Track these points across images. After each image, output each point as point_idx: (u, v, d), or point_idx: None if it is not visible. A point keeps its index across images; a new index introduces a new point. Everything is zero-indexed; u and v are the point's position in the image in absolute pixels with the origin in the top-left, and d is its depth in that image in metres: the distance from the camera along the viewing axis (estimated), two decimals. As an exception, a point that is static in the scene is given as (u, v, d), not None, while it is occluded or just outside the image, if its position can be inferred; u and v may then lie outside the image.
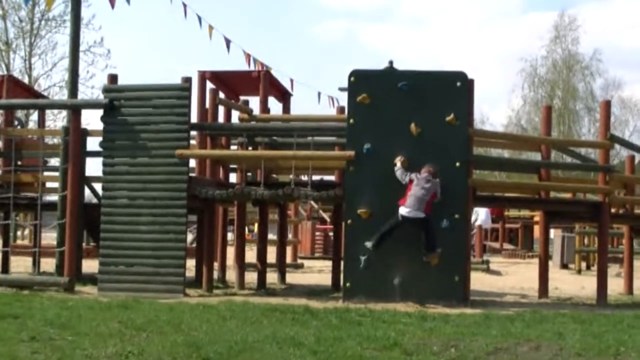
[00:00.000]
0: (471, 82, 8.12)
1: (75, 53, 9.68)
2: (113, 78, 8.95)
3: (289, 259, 13.42)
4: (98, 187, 9.21)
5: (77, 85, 9.83)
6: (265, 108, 9.84)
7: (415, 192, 7.65)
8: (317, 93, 17.68)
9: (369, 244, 7.73)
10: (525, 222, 22.45)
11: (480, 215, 16.61)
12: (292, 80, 15.21)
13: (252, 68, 13.77)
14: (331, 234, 14.62)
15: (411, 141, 7.95)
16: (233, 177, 10.53)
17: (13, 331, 5.38)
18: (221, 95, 10.03)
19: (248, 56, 14.21)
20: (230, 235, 12.75)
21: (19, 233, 21.02)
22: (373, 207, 7.88)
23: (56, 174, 9.19)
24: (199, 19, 12.98)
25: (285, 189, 8.23)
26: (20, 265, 11.26)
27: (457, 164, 7.94)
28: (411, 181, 7.71)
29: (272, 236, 12.18)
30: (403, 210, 7.67)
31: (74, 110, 8.99)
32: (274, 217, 11.82)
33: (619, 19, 52.66)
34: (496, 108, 70.24)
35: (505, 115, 38.19)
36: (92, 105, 10.02)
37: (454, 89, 8.00)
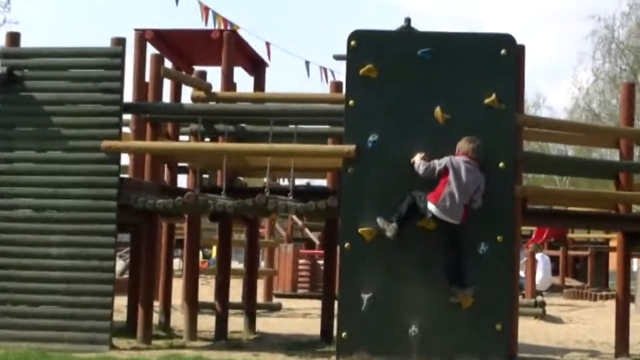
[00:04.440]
0: (521, 49, 8.13)
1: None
2: (13, 38, 8.90)
3: (260, 297, 13.27)
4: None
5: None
6: (229, 82, 9.76)
7: (453, 188, 7.65)
8: (305, 63, 17.76)
9: (386, 224, 7.69)
10: (597, 248, 22.63)
11: (538, 271, 16.63)
12: (268, 45, 15.25)
13: (211, 26, 13.81)
14: (321, 262, 14.57)
15: (435, 132, 7.96)
16: (183, 181, 10.51)
17: None
18: (168, 63, 9.94)
19: (205, 9, 14.15)
20: (177, 263, 12.70)
21: None
22: (380, 224, 7.95)
23: None
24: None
25: (257, 198, 8.21)
26: None
27: (501, 164, 7.97)
28: (446, 171, 7.73)
29: (237, 264, 12.07)
30: (433, 208, 7.73)
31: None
32: (240, 238, 11.74)
33: None
34: (557, 86, 70.57)
35: (569, 96, 38.38)
36: (-19, 75, 9.99)
37: (496, 59, 8.01)
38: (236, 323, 10.21)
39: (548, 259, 17.98)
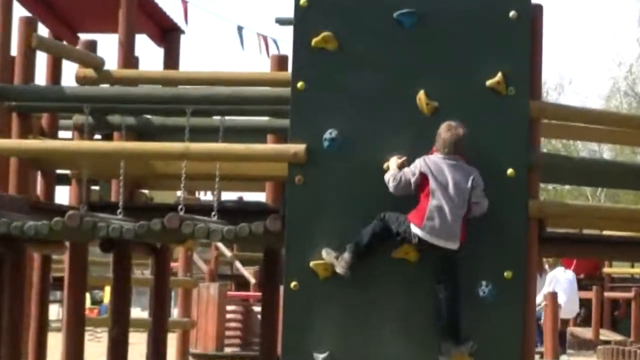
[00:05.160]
0: (538, 10, 7.79)
1: None
2: None
3: (172, 359, 13.11)
4: None
5: None
6: (129, 56, 9.77)
7: (440, 198, 7.24)
8: (237, 29, 18.40)
9: (334, 256, 7.32)
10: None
11: (560, 294, 16.50)
12: (185, 3, 15.82)
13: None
14: (258, 308, 14.76)
15: (418, 126, 7.56)
16: (63, 195, 10.31)
17: None
18: (43, 30, 9.81)
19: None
20: (55, 310, 12.60)
21: None
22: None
23: None
24: None
25: (168, 220, 7.76)
26: None
27: (509, 171, 7.54)
28: (424, 178, 7.27)
29: (139, 312, 11.96)
30: (419, 232, 7.29)
31: None
32: (144, 275, 11.70)
33: None
34: (588, 62, 71.32)
35: (605, 76, 38.50)
36: None
37: (503, 26, 7.65)
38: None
39: (572, 275, 17.78)
